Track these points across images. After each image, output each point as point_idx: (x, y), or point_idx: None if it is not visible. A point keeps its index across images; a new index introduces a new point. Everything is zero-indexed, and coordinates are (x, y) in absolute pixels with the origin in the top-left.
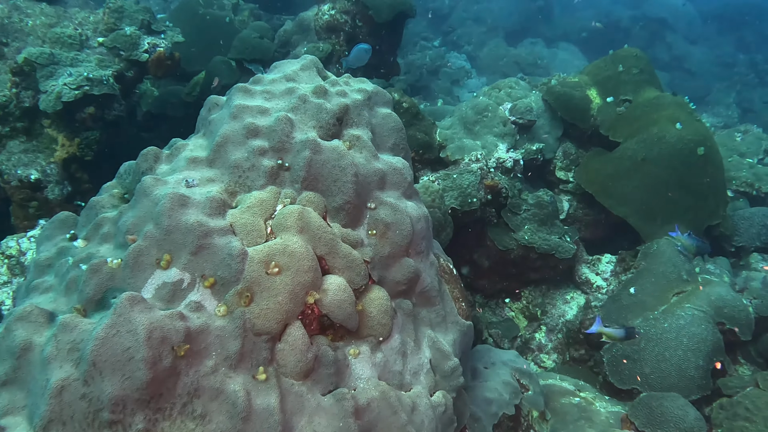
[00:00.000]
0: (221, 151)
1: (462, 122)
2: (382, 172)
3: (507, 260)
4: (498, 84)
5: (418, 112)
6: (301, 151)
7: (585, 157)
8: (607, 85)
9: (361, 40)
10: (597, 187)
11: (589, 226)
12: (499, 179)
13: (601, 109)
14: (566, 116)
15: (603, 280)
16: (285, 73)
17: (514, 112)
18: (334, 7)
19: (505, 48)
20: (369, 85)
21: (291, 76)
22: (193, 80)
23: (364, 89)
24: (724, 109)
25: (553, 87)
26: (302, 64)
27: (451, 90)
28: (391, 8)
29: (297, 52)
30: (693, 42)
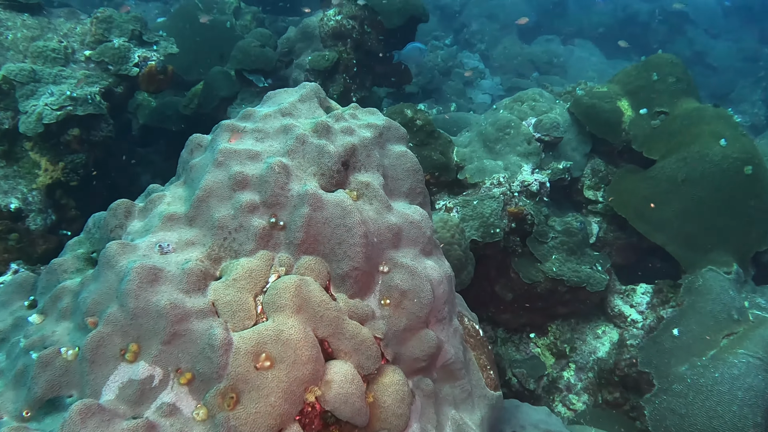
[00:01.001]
0: (203, 207)
1: (482, 140)
2: (397, 227)
3: (533, 294)
4: (520, 96)
5: (433, 130)
6: (298, 206)
7: (616, 175)
8: (639, 95)
9: (370, 47)
10: (631, 211)
11: (621, 250)
12: (524, 205)
13: (634, 123)
14: (595, 131)
15: (638, 313)
16: (280, 106)
17: (539, 128)
18: (340, 12)
19: (519, 46)
20: (380, 118)
21: (288, 110)
22: (191, 91)
23: (375, 124)
24: (749, 106)
25: (580, 98)
26: (301, 94)
27: (463, 91)
28: (401, 13)
29: (301, 61)
30: (715, 36)
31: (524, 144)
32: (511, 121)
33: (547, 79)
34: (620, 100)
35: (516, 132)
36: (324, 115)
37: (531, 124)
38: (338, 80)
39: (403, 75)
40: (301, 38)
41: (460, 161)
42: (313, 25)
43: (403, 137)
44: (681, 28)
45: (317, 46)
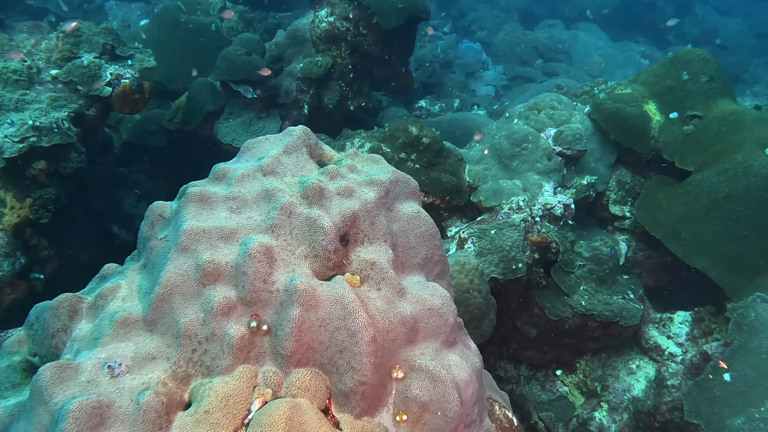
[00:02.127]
0: (164, 309)
1: (496, 155)
2: (413, 318)
3: (559, 330)
4: (537, 104)
5: (441, 148)
6: (286, 305)
7: (645, 188)
8: (668, 97)
9: (367, 50)
10: (666, 232)
11: (653, 271)
12: (547, 231)
13: (664, 129)
14: (620, 139)
15: (677, 345)
16: (261, 161)
17: (560, 141)
18: (332, 12)
19: (521, 32)
20: (385, 169)
21: (270, 167)
22: (175, 104)
23: (379, 180)
24: (764, 87)
25: (601, 103)
26: (286, 144)
27: (466, 84)
28: (400, 12)
29: (292, 68)
30: (725, 13)
31: (544, 160)
32: (529, 134)
33: (551, 66)
34: (647, 103)
35: (534, 146)
36: (316, 170)
37: (550, 136)
38: (333, 88)
39: (404, 78)
40: (291, 43)
41: (472, 181)
42: (303, 29)
43: (414, 192)
44: (689, 5)
45: (309, 52)
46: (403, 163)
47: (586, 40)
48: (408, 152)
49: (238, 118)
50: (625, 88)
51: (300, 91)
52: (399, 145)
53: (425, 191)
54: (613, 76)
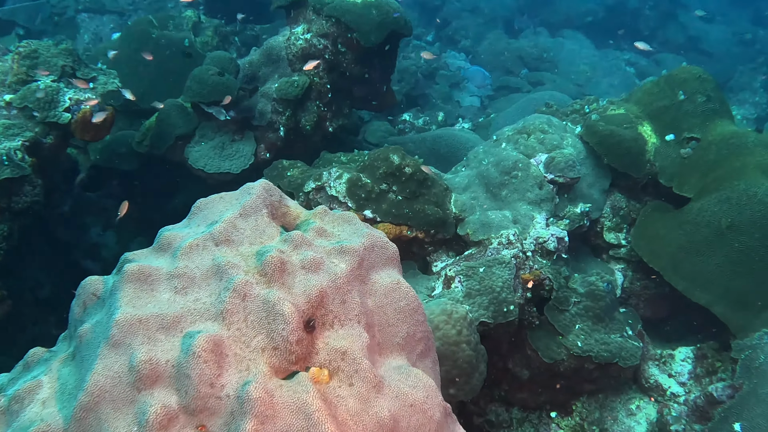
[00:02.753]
0: (90, 420)
1: (483, 183)
2: (392, 419)
3: (554, 372)
4: (525, 127)
5: (425, 177)
6: (238, 417)
7: (642, 215)
8: (664, 118)
9: (346, 69)
10: (665, 264)
11: (651, 302)
12: (540, 267)
13: (660, 152)
14: (615, 164)
15: (679, 384)
16: (213, 227)
17: (552, 168)
18: (309, 29)
19: (506, 41)
20: (358, 232)
21: (223, 234)
22: (144, 125)
23: (351, 249)
24: (750, 94)
25: (594, 125)
26: (244, 205)
27: (450, 95)
28: (380, 28)
29: (267, 88)
30: (708, 20)
31: (535, 189)
32: (518, 162)
33: (537, 75)
34: (641, 124)
35: (524, 174)
36: (278, 236)
37: (541, 162)
38: (311, 109)
39: (386, 97)
40: (265, 61)
41: (459, 212)
42: (278, 46)
43: (392, 258)
44: (673, 12)
45: (285, 71)
46: (384, 195)
47: (571, 49)
48: (389, 183)
49: (211, 141)
50: (617, 108)
51: (275, 112)
52: (380, 175)
53: (408, 225)
54: (599, 85)
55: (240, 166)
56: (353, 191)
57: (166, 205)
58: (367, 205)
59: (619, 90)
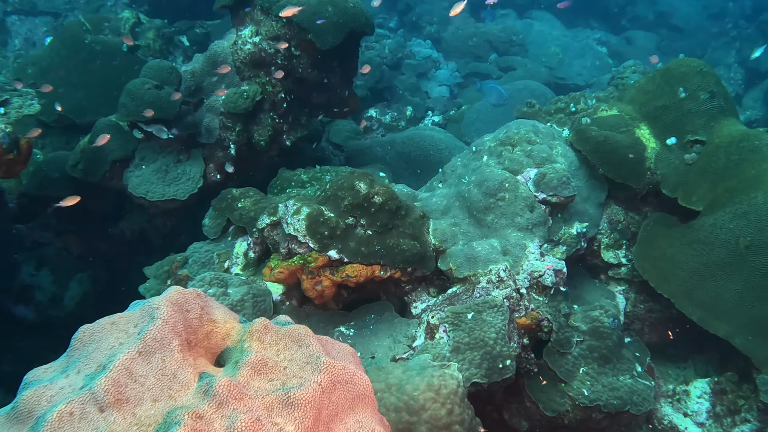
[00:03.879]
0: None
1: (465, 206)
2: None
3: (558, 425)
4: (509, 137)
5: (399, 206)
6: None
7: (644, 230)
8: (663, 119)
9: (302, 75)
10: (676, 289)
11: (657, 325)
12: (536, 307)
13: (661, 158)
14: (612, 174)
15: (697, 425)
16: (97, 381)
17: (543, 186)
18: (257, 32)
19: (473, 25)
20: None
21: (112, 392)
22: (79, 146)
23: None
24: (725, 70)
25: (585, 130)
26: (144, 337)
27: (418, 86)
28: (338, 28)
29: (213, 101)
30: None
31: (525, 212)
32: (504, 181)
33: (507, 60)
34: (638, 126)
35: (513, 196)
36: (194, 385)
37: (530, 179)
38: (264, 121)
39: (348, 102)
40: (210, 70)
41: (439, 243)
42: (224, 53)
43: (362, 397)
44: None
45: (232, 80)
46: (351, 231)
47: (540, 30)
48: (357, 216)
49: (153, 164)
50: (609, 108)
51: (224, 128)
52: (345, 207)
53: (381, 263)
54: (572, 66)
55: (187, 191)
56: (314, 229)
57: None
58: (332, 244)
59: (592, 71)
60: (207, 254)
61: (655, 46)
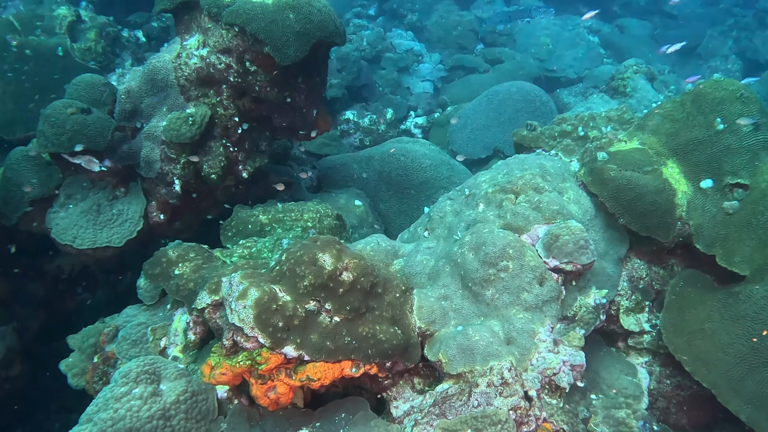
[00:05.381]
0: None
1: (458, 274)
2: None
3: None
4: (512, 182)
5: (374, 283)
6: None
7: (673, 292)
8: (695, 155)
9: (260, 93)
10: (718, 379)
11: (687, 405)
12: (550, 415)
13: (694, 205)
14: (636, 226)
15: None
16: None
17: (557, 251)
18: (205, 42)
19: (457, 13)
20: None
21: None
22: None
23: None
24: (722, 62)
25: (602, 170)
26: None
27: (399, 81)
28: (302, 39)
29: (153, 127)
30: None
31: (534, 286)
32: (508, 247)
33: (493, 52)
34: (665, 164)
35: (518, 266)
36: None
37: (538, 239)
38: (215, 150)
39: (317, 123)
40: (149, 89)
41: (425, 325)
42: (164, 68)
43: None
44: None
45: (176, 101)
46: (312, 319)
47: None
48: (320, 299)
49: (82, 202)
50: (629, 138)
51: (167, 159)
52: (305, 289)
53: (352, 359)
54: (563, 58)
55: (124, 236)
56: (265, 319)
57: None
58: (288, 338)
59: (584, 63)
60: (140, 329)
61: (649, 35)
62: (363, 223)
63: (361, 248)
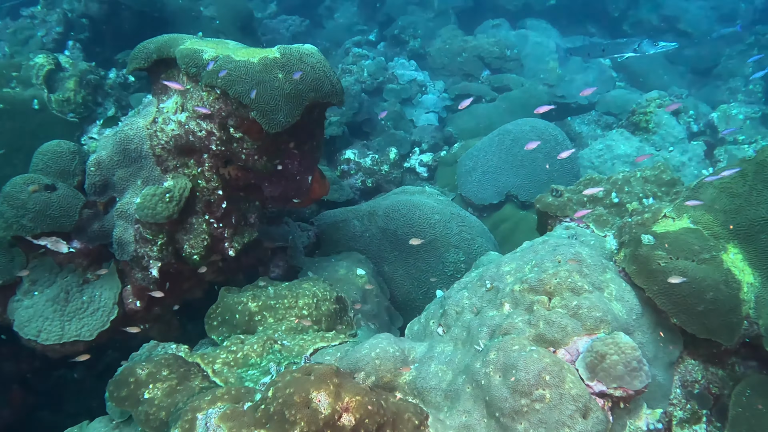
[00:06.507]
0: None
1: (481, 398)
2: None
3: None
4: (542, 281)
5: (380, 424)
6: None
7: (738, 403)
8: (763, 238)
9: (247, 161)
10: None
11: None
12: None
13: (763, 300)
14: (692, 327)
15: None
16: None
17: (603, 374)
18: (183, 106)
19: (462, 38)
20: None
21: None
22: None
23: None
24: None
25: (650, 259)
26: None
27: (401, 114)
28: (293, 102)
29: (125, 204)
30: None
31: (577, 420)
32: (544, 372)
33: (500, 78)
34: (725, 249)
35: (557, 395)
36: None
37: (579, 356)
38: (197, 228)
39: (313, 190)
40: (121, 160)
41: None
42: (138, 136)
43: None
44: None
45: (151, 173)
46: None
47: (537, 42)
48: None
49: (48, 289)
50: (677, 214)
51: (142, 241)
52: None
53: None
54: (573, 83)
55: (95, 327)
56: None
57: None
58: None
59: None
60: None
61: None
62: (367, 297)
63: (365, 355)
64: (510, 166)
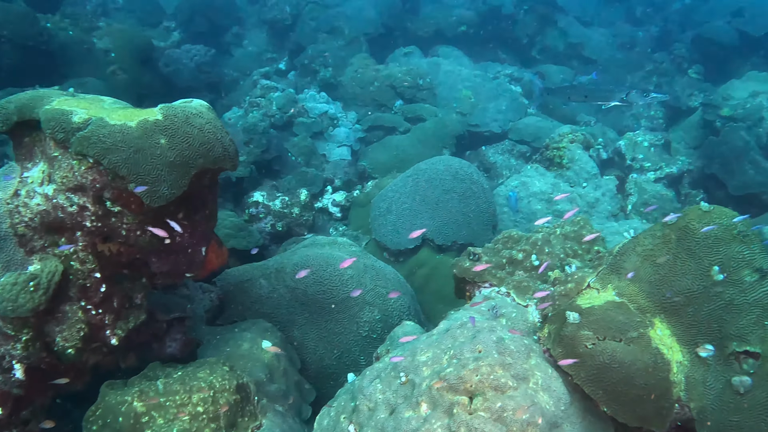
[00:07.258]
0: None
1: None
2: None
3: None
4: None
5: None
6: None
7: None
8: (689, 311)
9: (128, 237)
10: None
11: None
12: None
13: (694, 380)
14: (623, 416)
15: None
16: None
17: None
18: (51, 177)
19: (373, 67)
20: None
21: None
22: None
23: None
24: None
25: (575, 341)
26: None
27: (313, 149)
28: (179, 171)
29: None
30: (587, 24)
31: None
32: None
33: (414, 109)
34: (651, 324)
35: None
36: None
37: None
38: (71, 317)
39: (209, 262)
40: None
41: None
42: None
43: None
44: (551, 17)
45: (13, 256)
46: None
47: (448, 70)
48: None
49: None
50: (602, 285)
51: (2, 337)
52: None
53: None
54: (486, 111)
55: None
56: None
57: None
58: None
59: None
60: None
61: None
62: (273, 375)
63: None
64: (425, 208)
